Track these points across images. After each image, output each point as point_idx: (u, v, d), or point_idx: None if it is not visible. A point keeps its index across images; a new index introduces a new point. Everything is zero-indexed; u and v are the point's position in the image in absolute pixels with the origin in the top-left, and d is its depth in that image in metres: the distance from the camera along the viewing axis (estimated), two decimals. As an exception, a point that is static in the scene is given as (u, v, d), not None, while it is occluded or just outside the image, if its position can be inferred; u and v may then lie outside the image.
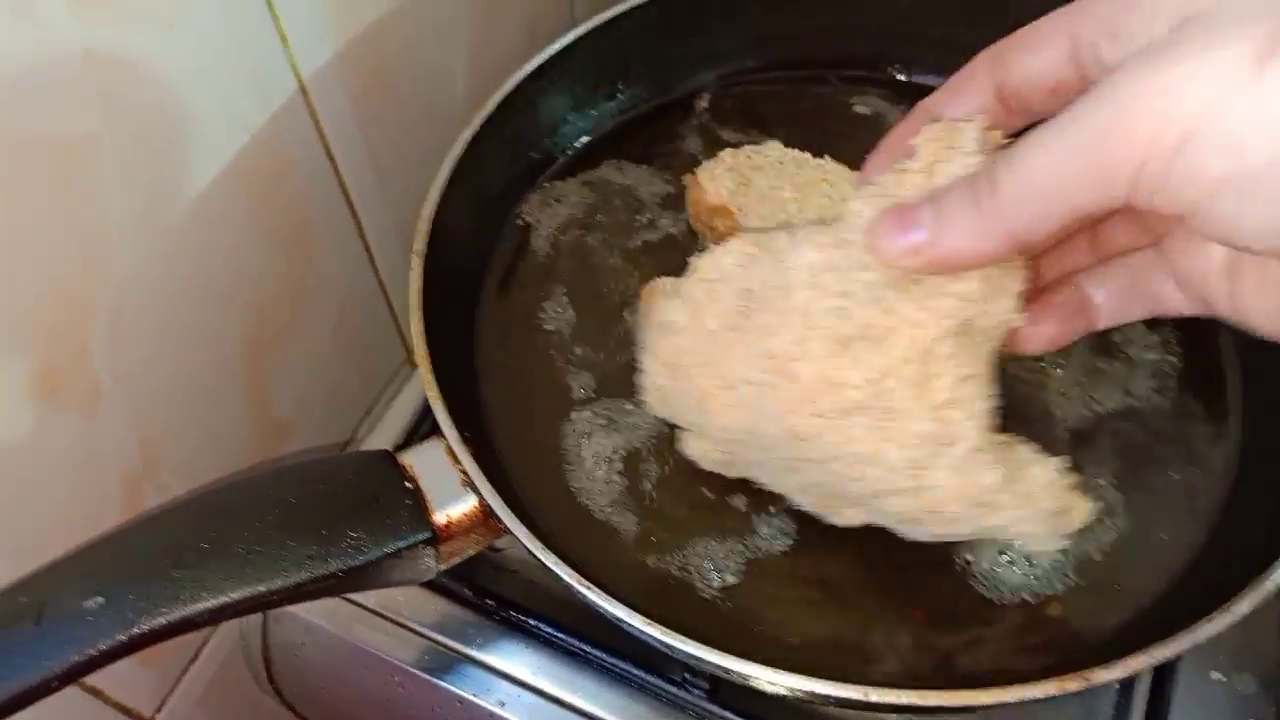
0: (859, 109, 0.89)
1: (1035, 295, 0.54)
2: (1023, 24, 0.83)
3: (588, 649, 0.66)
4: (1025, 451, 0.54)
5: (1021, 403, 0.71)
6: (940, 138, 0.54)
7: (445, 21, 0.91)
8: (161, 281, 0.68)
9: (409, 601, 0.68)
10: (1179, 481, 0.67)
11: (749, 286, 0.56)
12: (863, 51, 0.92)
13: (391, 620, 0.68)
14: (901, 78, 0.92)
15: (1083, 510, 0.55)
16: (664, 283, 0.64)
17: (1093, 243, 0.54)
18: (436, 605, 0.68)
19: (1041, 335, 0.54)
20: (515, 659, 0.67)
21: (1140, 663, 0.51)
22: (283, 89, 0.75)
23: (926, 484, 0.52)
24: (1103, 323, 0.55)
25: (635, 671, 0.66)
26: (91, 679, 0.69)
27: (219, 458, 0.79)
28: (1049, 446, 0.53)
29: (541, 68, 0.80)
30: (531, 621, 0.67)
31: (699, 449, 0.62)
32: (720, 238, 0.79)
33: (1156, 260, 0.52)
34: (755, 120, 0.89)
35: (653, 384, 0.61)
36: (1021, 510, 0.53)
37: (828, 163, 0.81)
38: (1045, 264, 0.55)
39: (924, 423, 0.51)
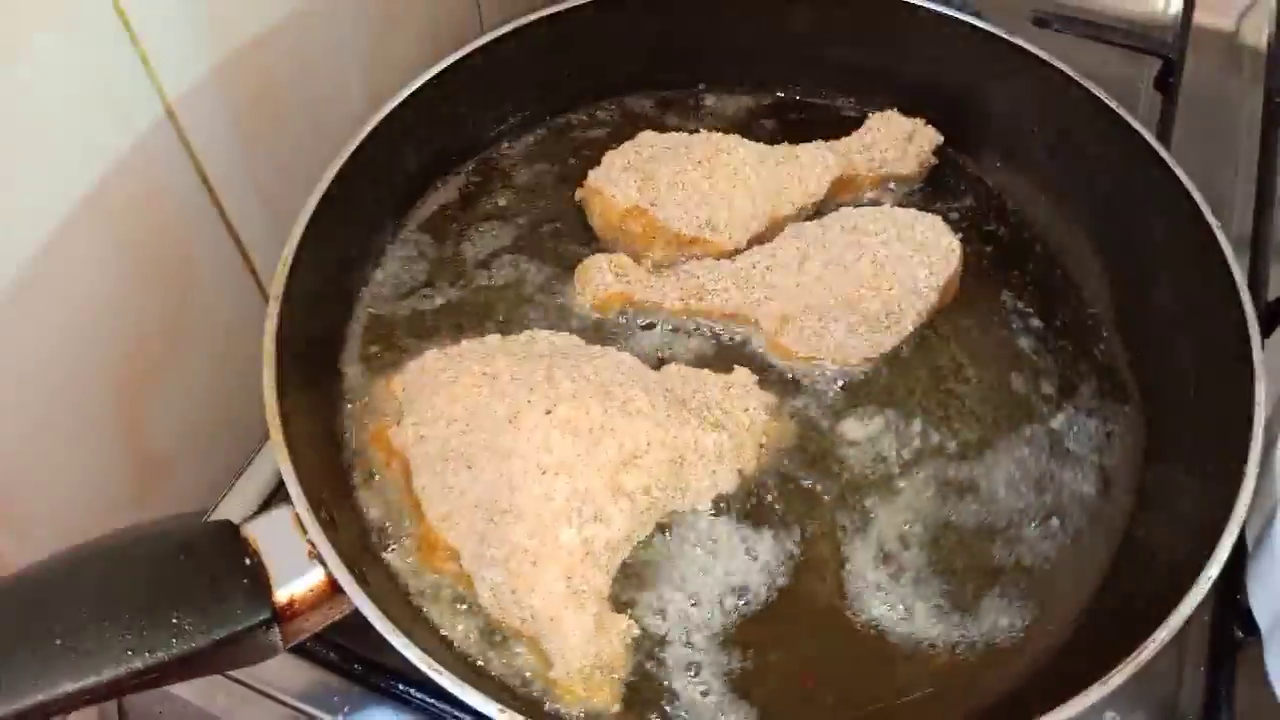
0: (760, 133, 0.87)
1: None
2: (915, 50, 0.84)
3: (461, 716, 0.63)
4: (601, 608, 0.59)
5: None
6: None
7: (335, 38, 0.86)
8: (15, 322, 0.64)
9: (270, 667, 0.63)
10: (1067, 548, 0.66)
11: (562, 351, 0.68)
12: (755, 74, 0.91)
13: (251, 688, 0.64)
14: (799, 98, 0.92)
15: (597, 694, 0.58)
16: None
17: None
18: (300, 671, 0.64)
19: None
20: (386, 727, 0.64)
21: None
22: (147, 114, 0.71)
23: (522, 567, 0.58)
24: None
25: (511, 738, 0.63)
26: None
27: (93, 501, 0.74)
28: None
29: (418, 93, 0.77)
30: (400, 686, 0.64)
31: (403, 438, 0.65)
32: (636, 240, 0.76)
33: None
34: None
35: (424, 365, 0.68)
36: (556, 645, 0.58)
37: (711, 135, 0.80)
38: None
39: (569, 509, 0.59)
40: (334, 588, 0.54)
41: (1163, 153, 0.73)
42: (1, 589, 0.48)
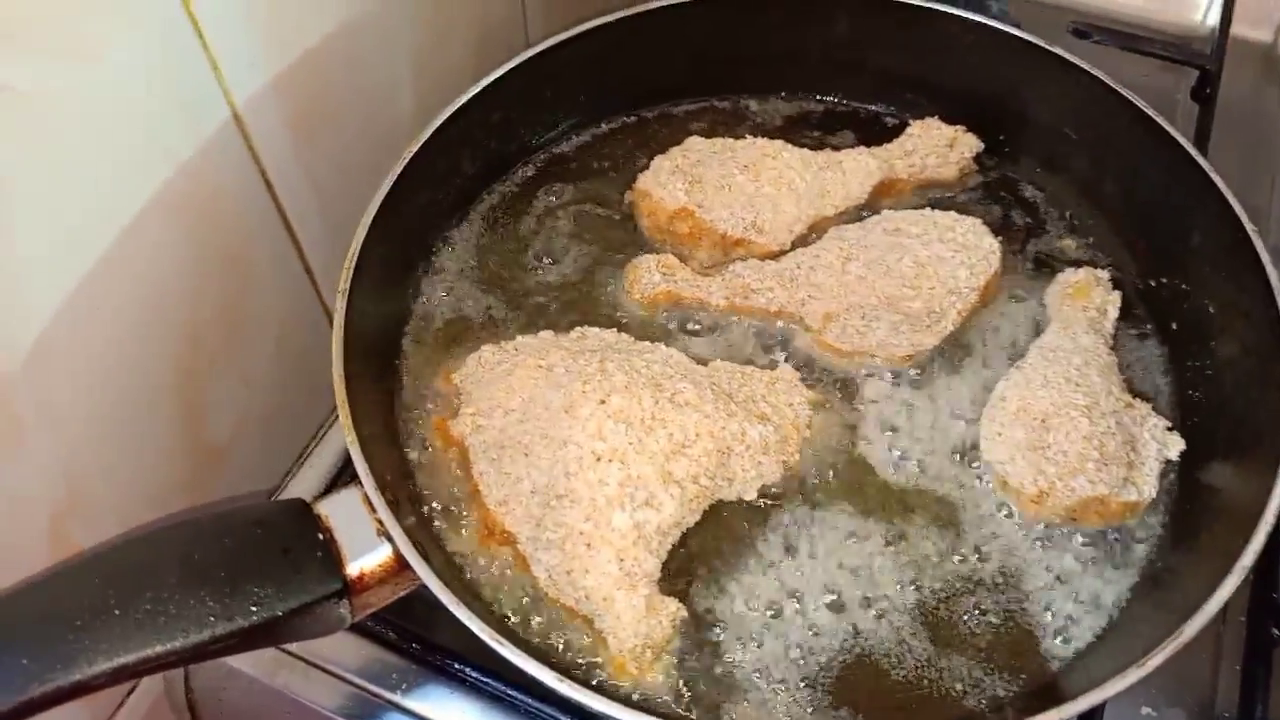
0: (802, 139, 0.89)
1: None
2: (956, 59, 0.86)
3: (514, 694, 0.65)
4: (652, 590, 0.61)
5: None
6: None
7: (387, 44, 0.90)
8: (87, 315, 0.67)
9: (331, 645, 0.66)
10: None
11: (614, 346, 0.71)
12: (799, 82, 0.93)
13: (313, 665, 0.67)
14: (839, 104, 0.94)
15: (648, 672, 0.60)
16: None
17: None
18: (360, 649, 0.67)
19: None
20: (441, 705, 0.66)
21: (1051, 717, 0.52)
22: (215, 117, 0.74)
23: (577, 549, 0.60)
24: None
25: (562, 718, 0.65)
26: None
27: (153, 490, 0.77)
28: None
29: (472, 101, 0.79)
30: (456, 665, 0.66)
31: (461, 428, 0.68)
32: (683, 241, 0.79)
33: None
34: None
35: (481, 359, 0.71)
36: (609, 624, 0.60)
37: (757, 140, 0.82)
38: None
39: (624, 494, 0.61)
40: (401, 564, 0.56)
41: (1200, 160, 0.75)
42: (93, 556, 0.52)
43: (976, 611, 0.65)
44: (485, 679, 0.66)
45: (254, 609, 0.51)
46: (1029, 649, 0.63)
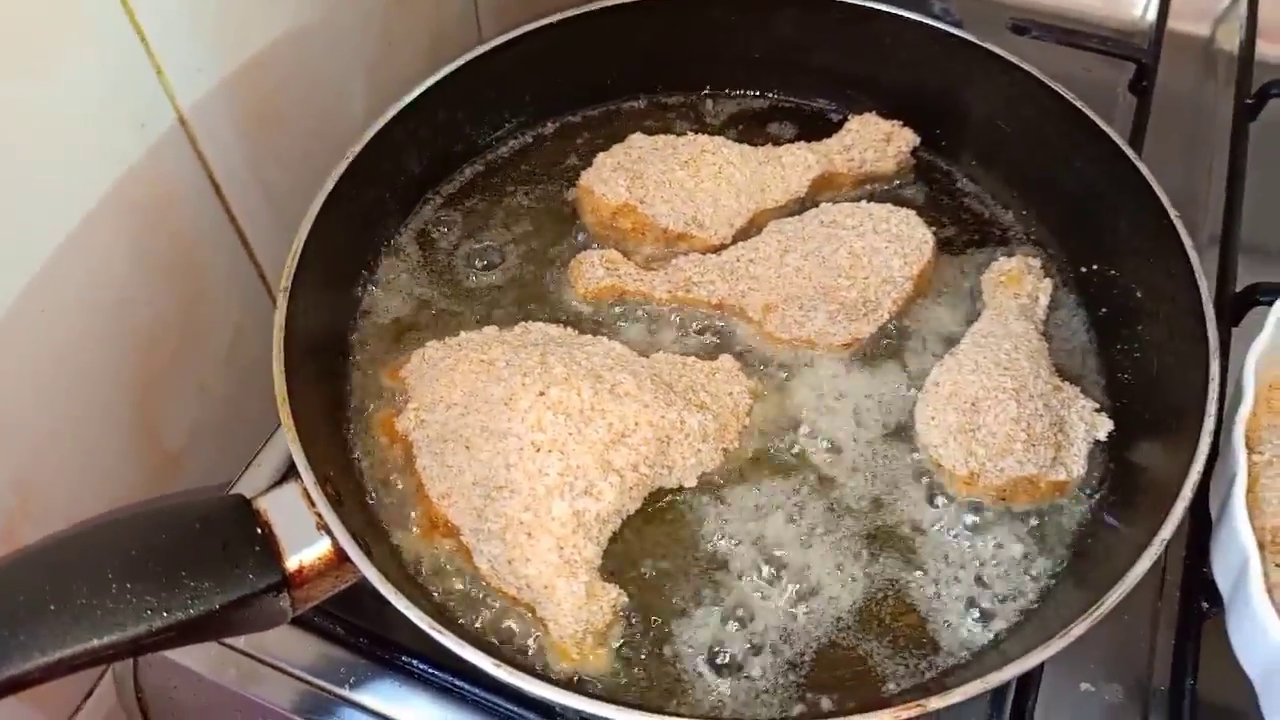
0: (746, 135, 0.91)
1: None
2: (896, 56, 0.87)
3: (463, 686, 0.66)
4: (592, 577, 0.62)
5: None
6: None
7: (338, 48, 0.90)
8: (35, 319, 0.68)
9: (280, 641, 0.67)
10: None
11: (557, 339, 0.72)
12: (743, 79, 0.94)
13: (262, 661, 0.67)
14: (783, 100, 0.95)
15: (590, 657, 0.61)
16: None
17: None
18: (308, 644, 0.68)
19: None
20: (390, 699, 0.66)
21: (974, 688, 0.53)
22: (161, 122, 0.74)
23: (518, 539, 0.61)
24: None
25: (511, 707, 0.66)
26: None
27: (106, 493, 0.78)
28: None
29: (418, 100, 0.80)
30: (404, 659, 0.67)
31: (405, 423, 0.69)
32: (626, 236, 0.80)
33: None
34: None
35: (425, 355, 0.71)
36: (550, 612, 0.61)
37: (698, 137, 0.84)
38: None
39: (565, 484, 0.62)
40: (341, 557, 0.57)
41: (1127, 150, 0.77)
42: (32, 552, 0.52)
43: (909, 591, 0.66)
44: (434, 672, 0.67)
45: (190, 602, 0.51)
46: (960, 626, 0.65)
